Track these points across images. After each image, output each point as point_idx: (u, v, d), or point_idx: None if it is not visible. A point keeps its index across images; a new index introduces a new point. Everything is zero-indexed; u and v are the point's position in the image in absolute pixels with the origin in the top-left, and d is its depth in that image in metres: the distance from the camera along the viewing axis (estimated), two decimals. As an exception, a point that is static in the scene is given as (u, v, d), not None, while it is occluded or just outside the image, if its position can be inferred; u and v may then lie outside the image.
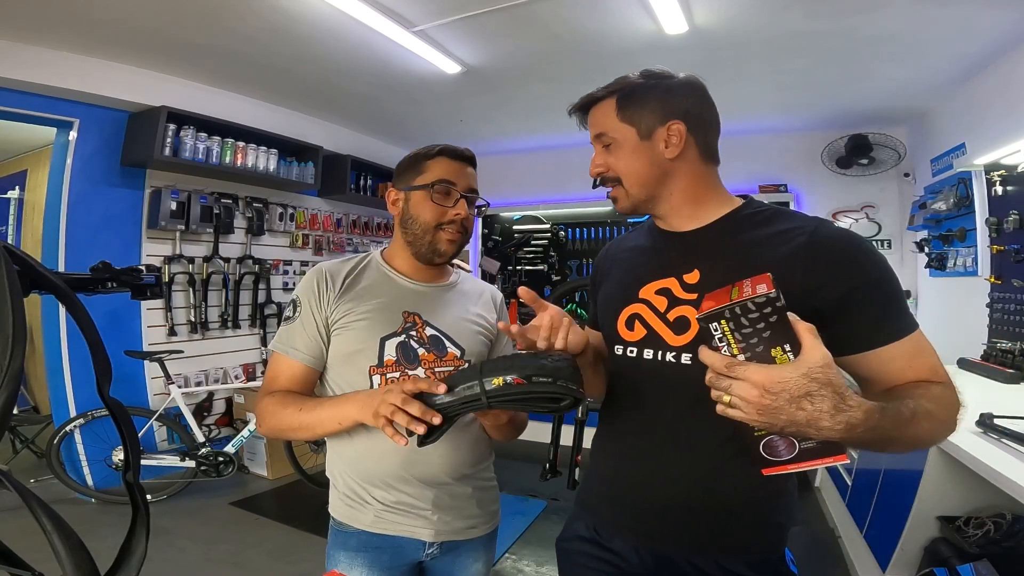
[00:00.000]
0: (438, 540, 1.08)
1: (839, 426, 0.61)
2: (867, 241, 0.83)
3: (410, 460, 1.04)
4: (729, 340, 0.64)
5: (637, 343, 0.92)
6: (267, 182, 3.89)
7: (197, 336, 3.61)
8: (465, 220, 1.11)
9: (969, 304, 3.06)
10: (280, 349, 1.07)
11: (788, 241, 0.82)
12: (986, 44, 2.63)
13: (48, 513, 0.51)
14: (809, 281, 0.78)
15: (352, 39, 2.74)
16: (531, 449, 3.90)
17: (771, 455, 0.66)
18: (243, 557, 2.56)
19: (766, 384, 0.61)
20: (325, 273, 1.09)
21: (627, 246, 1.05)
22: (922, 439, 0.72)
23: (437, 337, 1.09)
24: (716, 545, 0.87)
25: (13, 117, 2.89)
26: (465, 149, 1.14)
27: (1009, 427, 1.53)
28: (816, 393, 0.60)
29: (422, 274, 1.14)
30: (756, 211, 0.91)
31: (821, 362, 0.61)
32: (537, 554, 2.66)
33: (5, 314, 0.51)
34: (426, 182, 1.09)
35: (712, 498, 0.86)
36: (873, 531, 2.18)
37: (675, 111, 0.88)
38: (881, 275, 0.80)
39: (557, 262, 4.96)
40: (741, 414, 0.64)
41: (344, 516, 1.09)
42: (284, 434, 1.06)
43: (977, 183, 3.03)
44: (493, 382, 0.81)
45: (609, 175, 0.93)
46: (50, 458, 2.92)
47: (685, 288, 0.88)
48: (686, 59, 2.82)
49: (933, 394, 0.74)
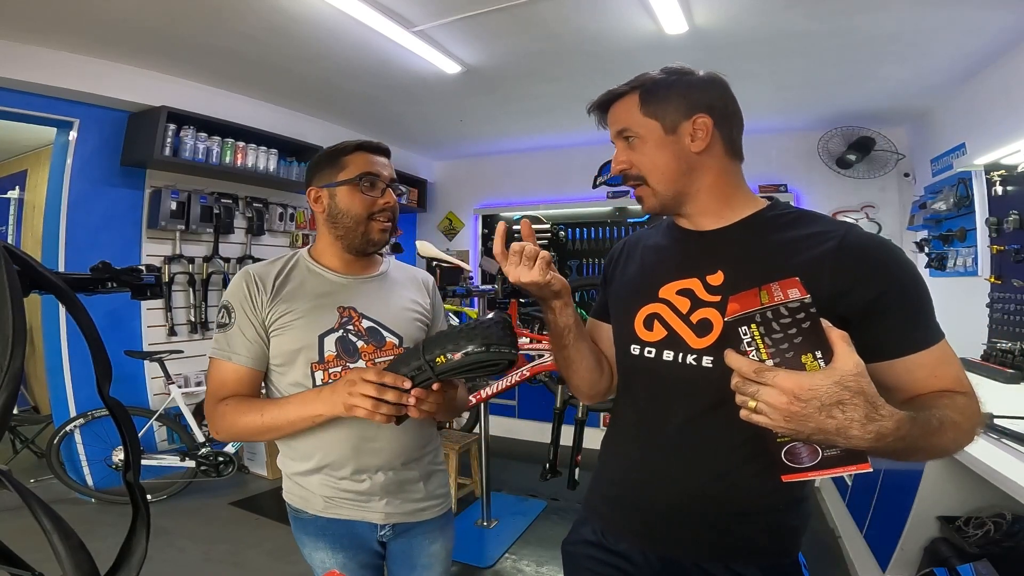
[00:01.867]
0: (389, 522, 1.12)
1: (869, 435, 0.60)
2: (898, 248, 0.82)
3: (358, 448, 1.08)
4: (759, 345, 0.63)
5: (656, 344, 0.90)
6: (267, 182, 3.89)
7: (197, 336, 3.60)
8: (393, 208, 1.15)
9: (969, 304, 3.06)
10: (221, 355, 1.08)
11: (817, 245, 0.81)
12: (986, 44, 2.63)
13: (48, 513, 0.51)
14: (837, 286, 0.77)
15: (352, 39, 2.74)
16: (531, 449, 3.91)
17: (793, 462, 0.66)
18: (243, 557, 2.56)
19: (796, 391, 0.60)
20: (254, 276, 1.10)
21: (646, 243, 1.03)
22: (946, 449, 0.72)
23: (374, 328, 1.12)
24: (729, 549, 0.86)
25: (13, 117, 2.89)
26: (379, 142, 1.18)
27: (1009, 427, 1.53)
28: (848, 402, 0.59)
29: (352, 267, 1.17)
30: (782, 213, 0.89)
31: (855, 370, 0.60)
32: (537, 554, 2.66)
33: (5, 314, 0.51)
34: (350, 176, 1.11)
35: (726, 502, 0.85)
36: (873, 531, 2.18)
37: (699, 105, 0.87)
38: (910, 282, 0.79)
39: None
40: (767, 420, 0.63)
41: (297, 503, 1.13)
42: (244, 437, 1.10)
43: (977, 183, 3.03)
44: (437, 361, 0.90)
45: (632, 172, 0.90)
46: (50, 458, 2.92)
47: (708, 290, 0.86)
48: (686, 59, 2.77)
49: (958, 405, 0.73)
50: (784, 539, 0.87)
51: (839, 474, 0.64)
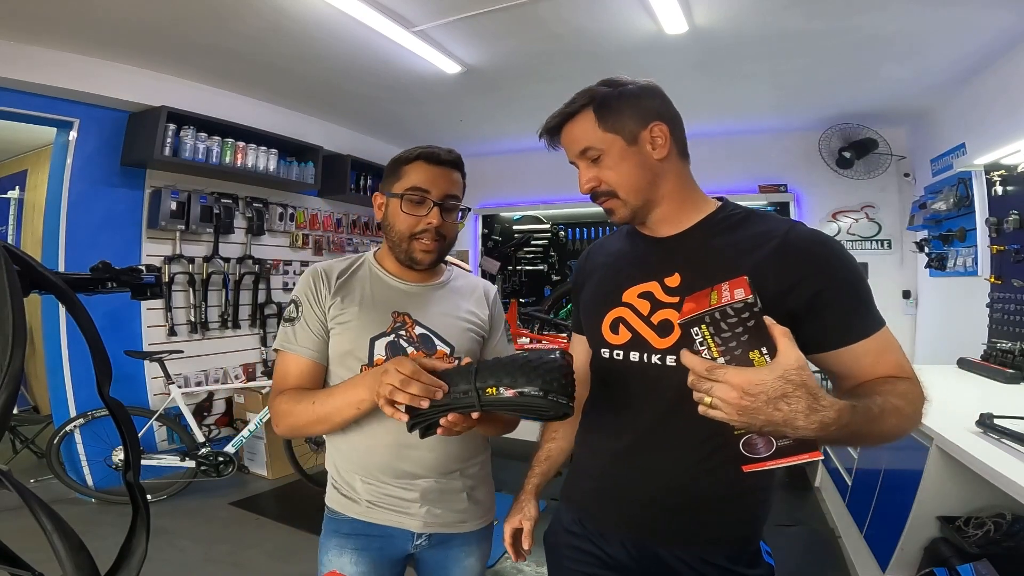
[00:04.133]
0: (426, 531, 1.10)
1: (813, 425, 0.63)
2: (836, 242, 0.87)
3: (399, 454, 1.06)
4: (709, 344, 0.66)
5: (623, 346, 0.94)
6: (267, 182, 3.90)
7: (197, 336, 3.61)
8: (441, 228, 1.08)
9: (969, 304, 3.06)
10: (286, 348, 1.08)
11: (762, 244, 0.85)
12: (986, 44, 2.63)
13: (48, 513, 0.51)
14: (782, 283, 0.81)
15: (352, 39, 2.74)
16: (531, 449, 3.91)
17: (750, 452, 0.69)
18: (243, 557, 2.56)
19: (744, 386, 0.63)
20: (320, 272, 1.11)
21: (608, 250, 1.07)
22: (890, 434, 0.75)
23: (427, 335, 1.10)
24: (698, 538, 0.90)
25: (13, 117, 2.89)
26: (447, 151, 1.10)
27: (1009, 427, 1.53)
28: (792, 394, 0.63)
29: (411, 274, 1.15)
30: (731, 214, 0.93)
31: (796, 364, 0.63)
32: (537, 554, 2.64)
33: (5, 314, 0.51)
34: (400, 190, 1.07)
35: (693, 494, 0.88)
36: (873, 531, 2.18)
37: (652, 113, 0.90)
38: (849, 275, 0.83)
39: (557, 262, 4.97)
40: (722, 415, 0.66)
41: (338, 505, 1.11)
42: (302, 430, 1.06)
43: (977, 183, 3.03)
44: (487, 391, 0.83)
45: (602, 189, 0.93)
46: (50, 458, 2.92)
47: (667, 291, 0.90)
48: (686, 59, 2.82)
49: (899, 390, 0.77)
50: (748, 526, 0.91)
51: (794, 463, 0.67)
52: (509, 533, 1.08)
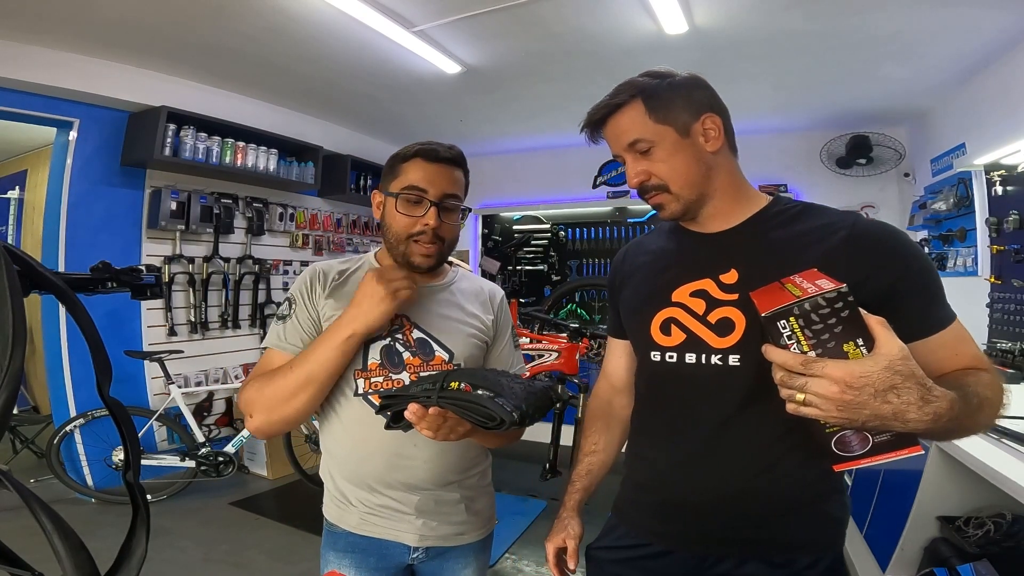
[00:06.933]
0: (423, 545, 1.05)
1: (927, 417, 0.60)
2: (905, 233, 0.84)
3: (394, 464, 1.02)
4: (799, 337, 0.62)
5: (676, 348, 0.89)
6: (267, 182, 3.89)
7: (197, 336, 3.61)
8: (439, 229, 1.01)
9: (969, 304, 3.05)
10: (275, 345, 1.03)
11: (827, 237, 0.82)
12: (986, 44, 2.63)
13: (48, 513, 0.51)
14: (853, 275, 0.76)
15: (352, 39, 2.74)
16: (531, 449, 3.90)
17: (843, 451, 0.66)
18: (243, 557, 2.56)
19: (848, 379, 0.59)
20: (319, 271, 1.07)
21: (648, 249, 1.02)
22: (984, 425, 0.73)
23: (424, 340, 1.04)
24: (772, 545, 0.85)
25: (13, 117, 2.89)
26: (447, 148, 1.04)
27: (1009, 427, 1.53)
28: (901, 386, 0.59)
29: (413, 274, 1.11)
30: (786, 207, 0.90)
31: (900, 354, 0.60)
32: (537, 554, 2.66)
33: (5, 314, 0.51)
34: (397, 188, 1.01)
35: (770, 496, 0.84)
36: (873, 531, 2.18)
37: (703, 104, 0.87)
38: (922, 265, 0.81)
39: (557, 262, 4.96)
40: (818, 412, 0.62)
41: (333, 516, 1.08)
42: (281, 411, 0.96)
43: (977, 183, 3.03)
44: (451, 384, 0.81)
45: (652, 183, 0.89)
46: (50, 458, 2.92)
47: (723, 288, 0.86)
48: (686, 59, 2.82)
49: (985, 381, 0.74)
50: (828, 530, 0.87)
51: (891, 459, 0.64)
52: (553, 553, 1.00)
